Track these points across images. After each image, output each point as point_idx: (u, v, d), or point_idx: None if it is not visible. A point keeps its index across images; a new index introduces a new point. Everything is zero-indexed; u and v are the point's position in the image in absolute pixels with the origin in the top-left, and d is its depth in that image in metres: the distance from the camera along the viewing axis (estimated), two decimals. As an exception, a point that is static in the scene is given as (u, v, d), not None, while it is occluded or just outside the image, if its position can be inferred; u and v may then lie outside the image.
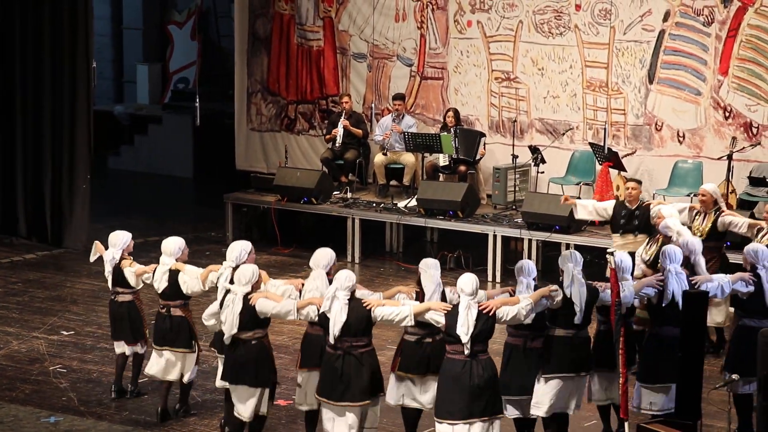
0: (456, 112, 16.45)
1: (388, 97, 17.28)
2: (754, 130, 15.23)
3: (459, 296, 9.29)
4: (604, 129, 15.75)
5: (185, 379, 10.74)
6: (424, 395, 9.88)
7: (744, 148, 15.05)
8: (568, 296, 9.62)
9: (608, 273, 11.93)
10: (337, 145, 16.79)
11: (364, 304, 9.33)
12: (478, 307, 9.21)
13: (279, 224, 16.47)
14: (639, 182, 13.14)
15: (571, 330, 9.69)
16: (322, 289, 9.65)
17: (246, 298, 9.56)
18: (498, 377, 9.43)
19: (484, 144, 16.40)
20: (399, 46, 17.32)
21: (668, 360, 9.78)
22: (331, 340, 9.32)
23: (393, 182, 16.84)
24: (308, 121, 18.08)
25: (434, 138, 16.09)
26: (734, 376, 9.82)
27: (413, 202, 16.02)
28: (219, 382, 10.25)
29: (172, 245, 10.68)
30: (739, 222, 12.19)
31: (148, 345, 11.16)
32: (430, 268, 9.64)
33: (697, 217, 12.40)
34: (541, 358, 9.72)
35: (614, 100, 16.03)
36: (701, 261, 10.63)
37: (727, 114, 15.40)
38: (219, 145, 19.69)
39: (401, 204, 16.18)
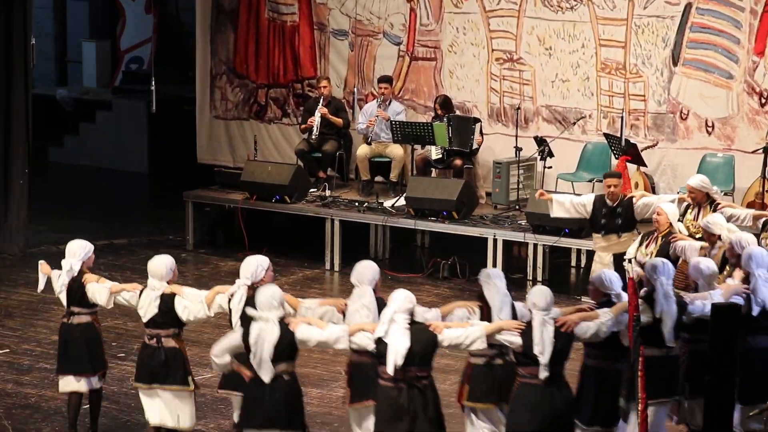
0: (446, 100, 16.47)
1: (373, 80, 17.34)
2: (794, 119, 15.51)
3: (531, 312, 9.31)
4: (621, 118, 15.79)
5: (186, 426, 10.46)
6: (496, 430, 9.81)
7: (782, 139, 15.18)
8: (658, 315, 9.60)
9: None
10: (313, 135, 16.80)
11: (430, 328, 9.27)
12: (555, 323, 9.25)
13: (247, 226, 16.48)
14: (619, 176, 13.15)
15: (664, 348, 9.70)
16: (372, 309, 9.65)
17: (282, 323, 9.32)
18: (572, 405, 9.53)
19: (481, 131, 16.38)
20: (385, 21, 17.43)
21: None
22: (390, 371, 9.16)
23: (378, 178, 16.89)
24: (281, 108, 18.15)
25: (425, 127, 16.09)
26: None
27: (401, 201, 16.06)
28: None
29: (161, 267, 10.38)
30: (741, 214, 12.24)
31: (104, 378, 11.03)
32: (492, 278, 9.62)
33: (690, 210, 12.42)
34: (627, 382, 9.60)
35: (633, 85, 16.11)
36: None
37: (763, 100, 15.48)
38: (178, 135, 19.72)
39: (388, 203, 16.21)
